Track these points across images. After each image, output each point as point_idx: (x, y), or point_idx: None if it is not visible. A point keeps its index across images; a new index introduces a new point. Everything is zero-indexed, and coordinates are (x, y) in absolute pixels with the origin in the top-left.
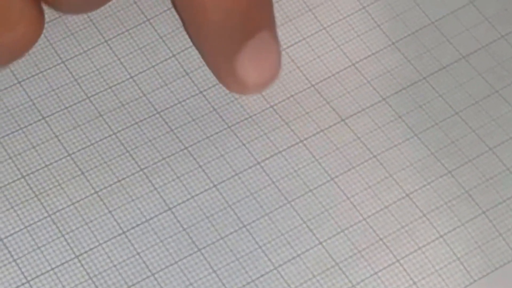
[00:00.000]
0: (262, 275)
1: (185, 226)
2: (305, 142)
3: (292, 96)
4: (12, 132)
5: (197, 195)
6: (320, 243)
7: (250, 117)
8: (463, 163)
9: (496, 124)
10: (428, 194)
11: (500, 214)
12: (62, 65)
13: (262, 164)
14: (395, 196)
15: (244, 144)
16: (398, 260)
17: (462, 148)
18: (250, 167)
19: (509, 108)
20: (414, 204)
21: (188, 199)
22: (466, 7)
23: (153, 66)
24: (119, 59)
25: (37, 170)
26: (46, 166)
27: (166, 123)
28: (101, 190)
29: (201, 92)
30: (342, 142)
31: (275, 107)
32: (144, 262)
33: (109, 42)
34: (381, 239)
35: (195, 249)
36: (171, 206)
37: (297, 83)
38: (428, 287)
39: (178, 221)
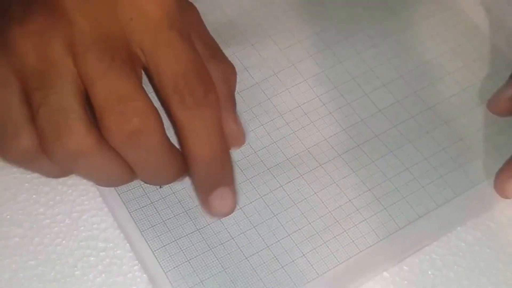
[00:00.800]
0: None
1: (254, 224)
2: (304, 176)
3: (297, 154)
4: None
5: (249, 208)
6: (309, 223)
7: (278, 164)
8: (379, 183)
9: (403, 165)
10: (361, 201)
11: (393, 209)
12: None
13: (284, 187)
14: (343, 201)
15: (275, 178)
16: (345, 231)
17: (379, 176)
18: (274, 189)
19: (419, 155)
20: (354, 206)
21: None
22: (410, 96)
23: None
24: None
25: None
26: None
27: (242, 171)
28: None
29: (255, 152)
30: (321, 177)
31: (290, 159)
32: (237, 245)
33: None
34: (337, 221)
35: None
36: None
37: (297, 147)
38: (360, 243)
39: (252, 224)
